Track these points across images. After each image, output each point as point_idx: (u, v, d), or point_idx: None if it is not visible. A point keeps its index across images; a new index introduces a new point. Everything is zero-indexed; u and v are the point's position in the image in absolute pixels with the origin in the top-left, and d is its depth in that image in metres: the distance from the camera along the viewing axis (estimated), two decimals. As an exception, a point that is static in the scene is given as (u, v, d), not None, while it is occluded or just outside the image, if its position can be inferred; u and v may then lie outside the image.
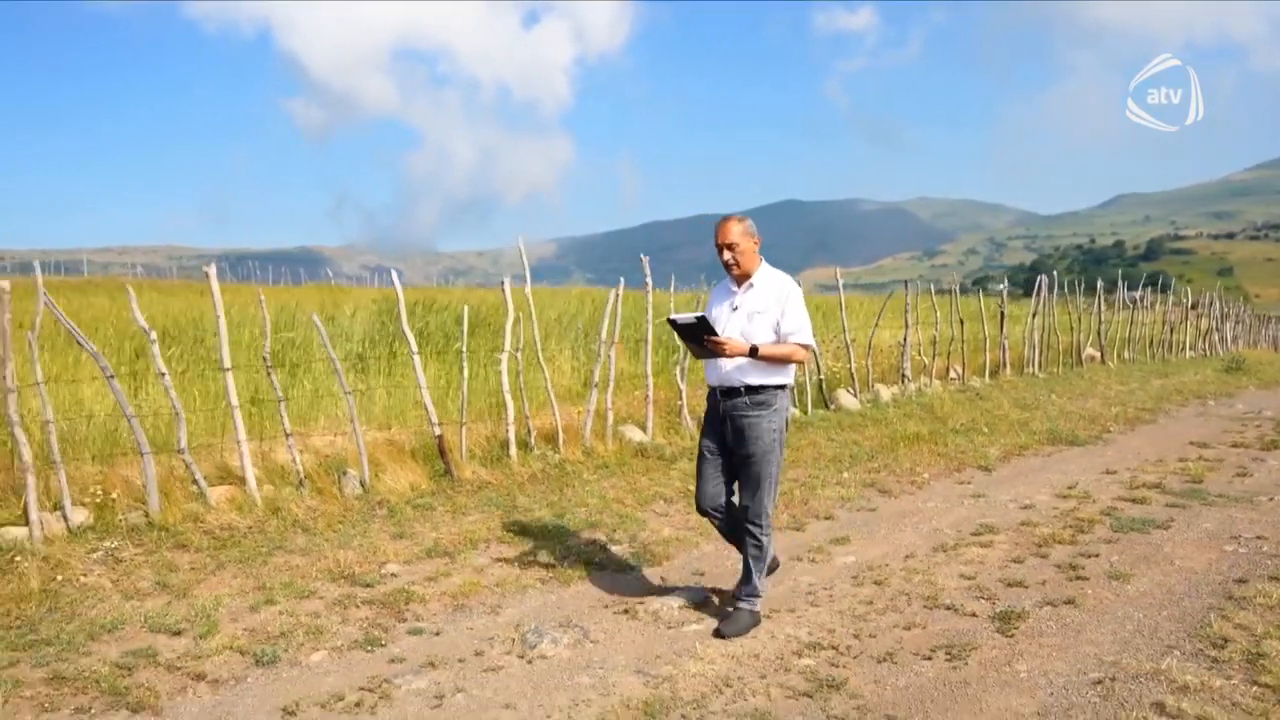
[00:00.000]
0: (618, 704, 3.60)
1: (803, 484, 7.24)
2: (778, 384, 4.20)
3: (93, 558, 5.09)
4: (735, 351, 4.04)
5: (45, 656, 4.06)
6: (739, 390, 4.17)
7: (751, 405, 4.16)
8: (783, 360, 4.16)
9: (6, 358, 5.12)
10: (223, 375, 5.94)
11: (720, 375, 4.22)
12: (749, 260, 4.21)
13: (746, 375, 4.15)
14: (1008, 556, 5.42)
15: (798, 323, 4.16)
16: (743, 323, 4.17)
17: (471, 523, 6.06)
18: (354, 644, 4.29)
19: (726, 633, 4.20)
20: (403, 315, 7.04)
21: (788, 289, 4.21)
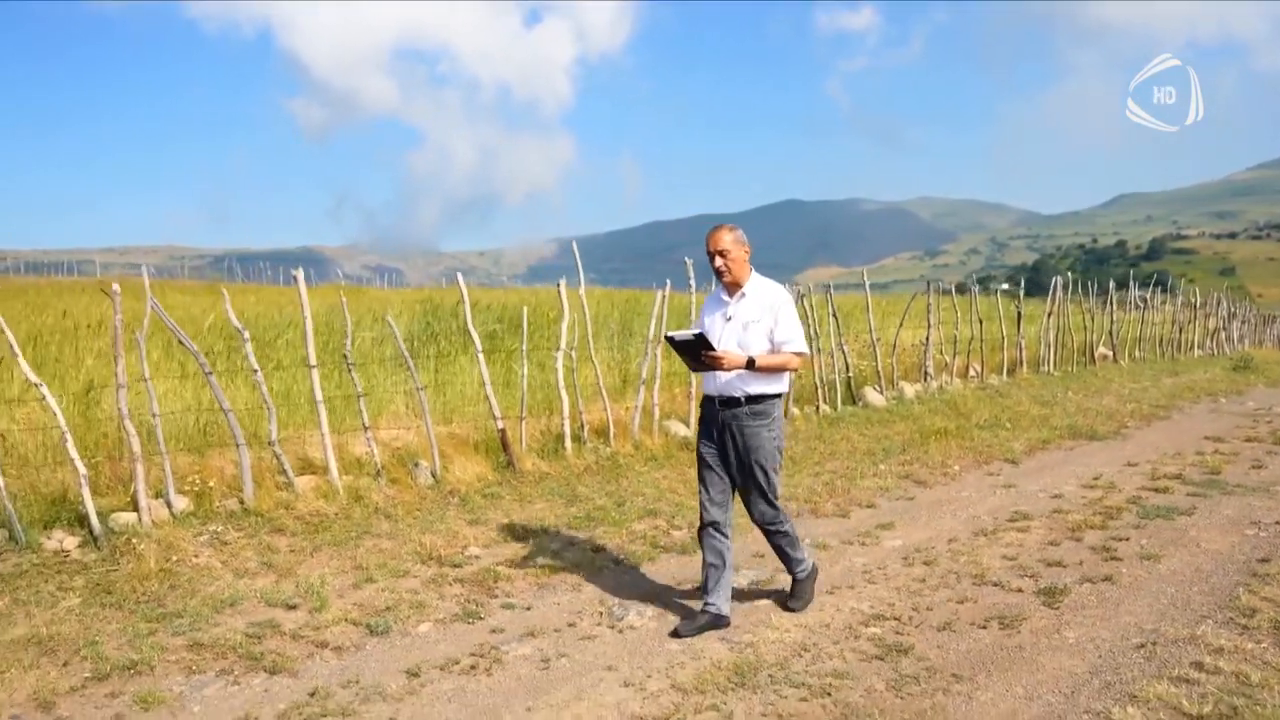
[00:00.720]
0: (709, 665, 4.00)
1: (843, 475, 7.65)
2: (775, 393, 4.29)
3: (199, 540, 5.49)
4: (733, 365, 4.08)
5: (180, 626, 4.47)
6: (739, 400, 4.23)
7: (751, 415, 4.23)
8: (779, 369, 4.23)
9: (119, 355, 5.53)
10: (309, 372, 6.35)
11: (719, 385, 4.27)
12: (740, 268, 4.26)
13: (746, 385, 4.21)
14: (1044, 540, 5.82)
15: (791, 331, 4.22)
16: (738, 332, 4.23)
17: (539, 510, 6.47)
18: (455, 617, 4.69)
19: (796, 606, 4.55)
20: (468, 316, 7.45)
21: (780, 298, 4.28)
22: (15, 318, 11.30)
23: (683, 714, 3.55)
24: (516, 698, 3.76)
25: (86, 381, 7.82)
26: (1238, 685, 3.60)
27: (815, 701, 3.64)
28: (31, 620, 4.50)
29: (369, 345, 10.06)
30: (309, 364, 6.37)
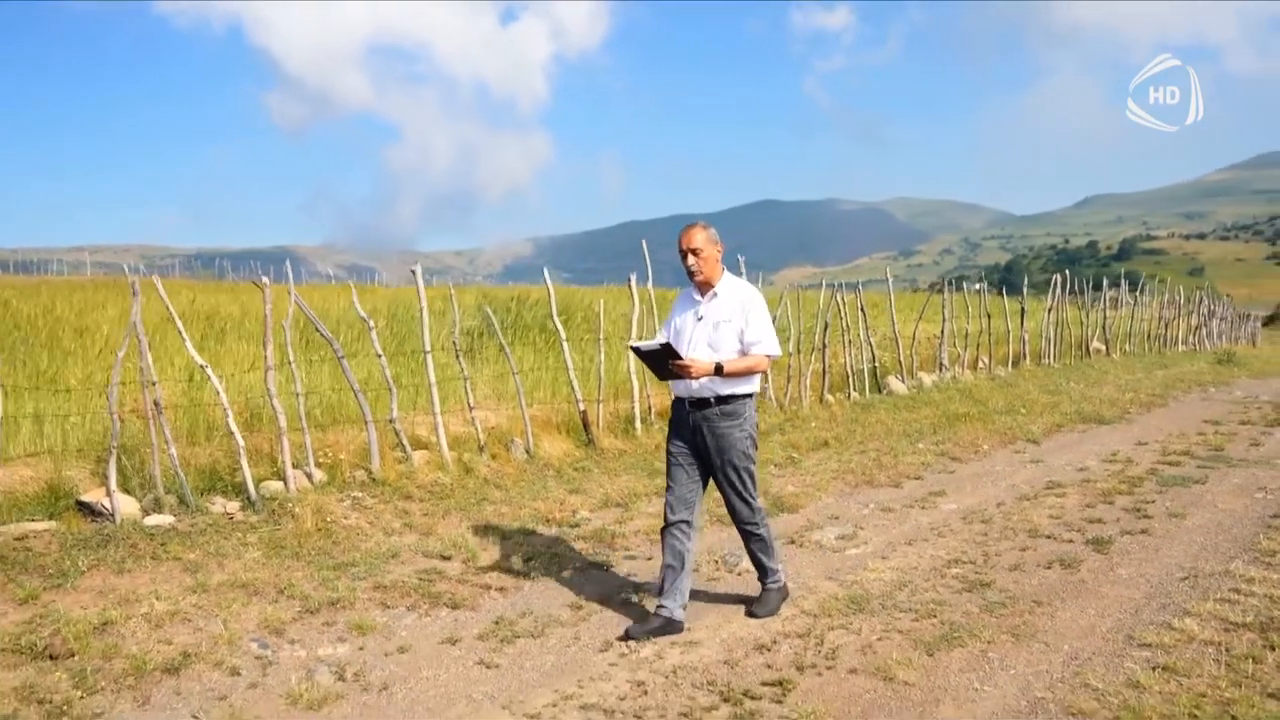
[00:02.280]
0: (827, 598, 4.76)
1: (886, 452, 8.44)
2: (746, 393, 4.26)
3: (344, 505, 6.18)
4: (701, 373, 4.08)
5: (358, 574, 5.16)
6: (709, 401, 4.21)
7: (722, 416, 4.20)
8: (748, 372, 4.21)
9: (268, 340, 6.20)
10: (424, 357, 7.05)
11: (688, 387, 4.24)
12: (712, 267, 4.23)
13: (716, 386, 4.18)
14: (1081, 503, 6.63)
15: (762, 332, 4.19)
16: (709, 332, 4.21)
17: (626, 481, 7.20)
18: (590, 565, 5.42)
19: (759, 613, 4.43)
20: (553, 309, 8.17)
21: (751, 298, 4.24)
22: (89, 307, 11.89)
23: (820, 631, 4.30)
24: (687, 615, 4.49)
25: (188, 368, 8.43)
26: (1270, 604, 4.40)
27: (925, 621, 4.40)
28: (225, 569, 5.17)
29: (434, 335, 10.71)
30: (424, 350, 7.06)
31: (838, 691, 3.67)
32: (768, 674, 3.84)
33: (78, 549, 5.17)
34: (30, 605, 4.60)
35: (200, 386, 8.14)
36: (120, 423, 5.71)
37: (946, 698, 3.59)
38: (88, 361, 8.69)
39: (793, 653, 4.06)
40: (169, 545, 5.36)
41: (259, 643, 4.31)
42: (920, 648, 4.06)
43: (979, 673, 3.81)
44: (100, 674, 3.90)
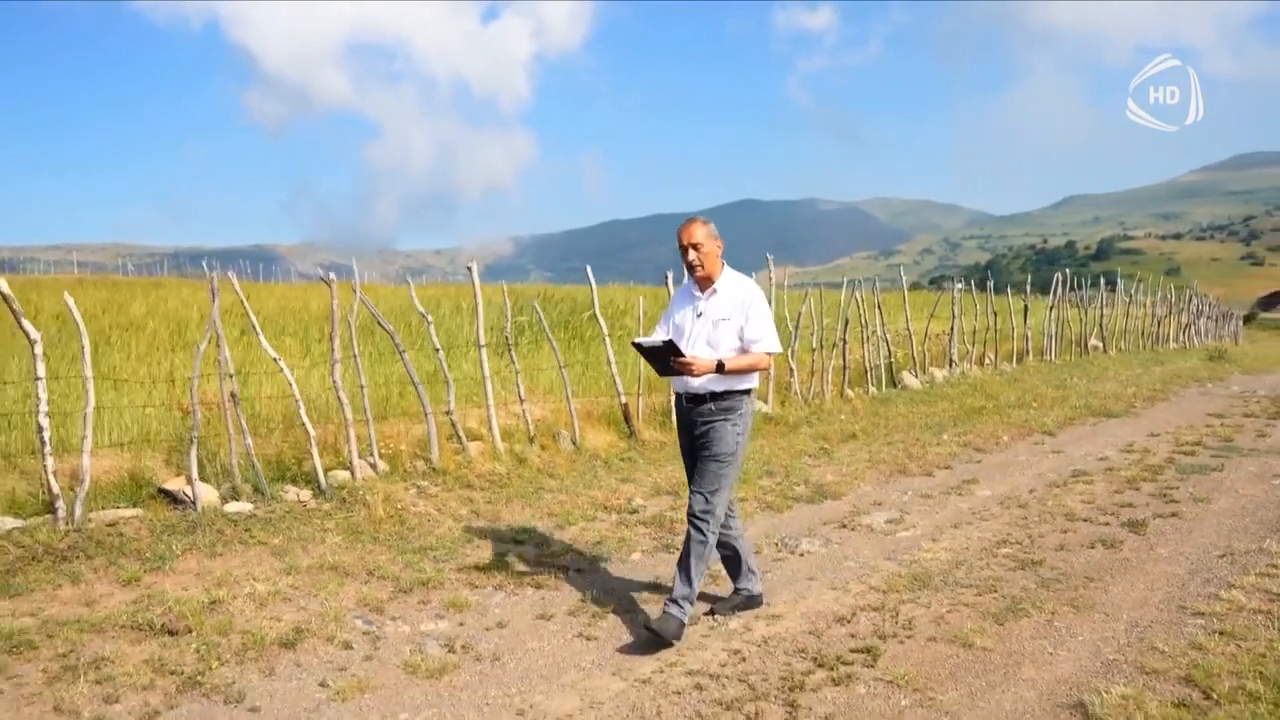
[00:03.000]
0: (890, 575, 5.05)
1: (913, 444, 8.75)
2: (743, 389, 4.22)
3: (410, 494, 6.41)
4: (702, 371, 4.01)
5: (439, 556, 5.40)
6: (705, 397, 4.17)
7: (718, 411, 4.16)
8: (749, 370, 4.18)
9: (334, 334, 6.42)
10: (478, 351, 7.29)
11: (686, 384, 4.20)
12: (712, 263, 4.19)
13: (713, 383, 4.14)
14: (1109, 489, 6.96)
15: (763, 330, 4.14)
16: (708, 329, 4.17)
17: (671, 471, 7.47)
18: (656, 548, 5.69)
19: (656, 628, 4.07)
20: (596, 306, 8.42)
21: (752, 295, 4.19)
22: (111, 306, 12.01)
23: (892, 605, 4.59)
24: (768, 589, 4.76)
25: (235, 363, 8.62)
26: (1307, 577, 4.74)
27: (987, 596, 4.70)
28: (311, 553, 5.40)
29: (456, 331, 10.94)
30: (478, 344, 7.31)
31: (922, 657, 3.95)
32: (853, 642, 4.13)
33: (168, 534, 5.39)
34: (134, 586, 4.81)
35: (245, 381, 8.35)
36: (199, 414, 5.92)
37: (1025, 660, 3.89)
38: (139, 356, 8.85)
39: (871, 625, 4.35)
40: (253, 531, 5.58)
41: (363, 620, 4.55)
42: (989, 618, 4.36)
43: (1050, 639, 4.11)
44: (220, 648, 4.13)
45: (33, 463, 6.16)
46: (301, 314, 13.03)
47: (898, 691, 3.62)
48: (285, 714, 3.60)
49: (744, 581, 4.55)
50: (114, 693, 3.72)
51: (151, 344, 9.49)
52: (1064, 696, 3.53)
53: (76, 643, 4.13)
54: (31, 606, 4.54)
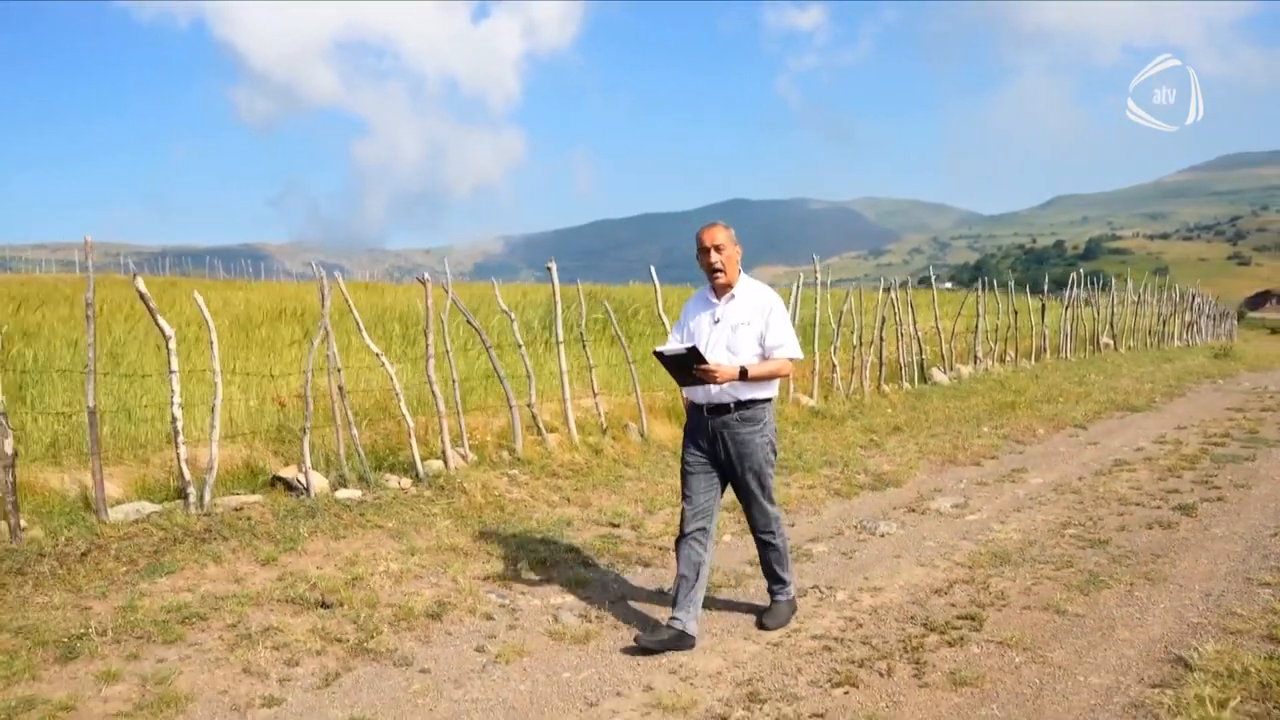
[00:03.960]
0: (970, 553, 5.46)
1: (955, 436, 9.19)
2: (765, 398, 4.15)
3: (503, 482, 6.79)
4: (726, 378, 3.94)
5: (547, 537, 5.78)
6: (728, 407, 4.08)
7: (741, 421, 4.08)
8: (771, 376, 4.11)
9: (429, 329, 6.80)
10: (557, 346, 7.69)
11: (708, 393, 4.10)
12: (732, 267, 4.12)
13: (737, 391, 4.06)
14: (1153, 477, 7.40)
15: (783, 336, 4.08)
16: (727, 335, 4.09)
17: (737, 461, 7.87)
18: (743, 531, 6.05)
19: (769, 624, 4.28)
20: (659, 303, 8.80)
21: (771, 300, 4.13)
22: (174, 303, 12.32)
23: (981, 578, 4.99)
24: (845, 572, 5.17)
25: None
26: (1357, 552, 5.17)
27: (1065, 570, 5.11)
28: (425, 535, 5.77)
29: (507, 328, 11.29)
30: (557, 340, 7.70)
31: (1022, 622, 4.36)
32: (955, 611, 4.53)
33: (291, 519, 5.75)
34: (273, 566, 5.18)
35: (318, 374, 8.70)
36: (311, 405, 6.28)
37: (1117, 624, 4.30)
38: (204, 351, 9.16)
39: (966, 595, 4.75)
40: (367, 515, 5.95)
41: (496, 594, 4.93)
42: (1073, 590, 4.77)
43: (1134, 607, 4.53)
44: (374, 619, 4.50)
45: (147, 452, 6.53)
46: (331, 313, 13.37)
47: (1009, 650, 4.02)
48: (454, 674, 3.98)
49: (681, 612, 4.13)
50: (293, 657, 4.10)
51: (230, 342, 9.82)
52: (1161, 653, 3.94)
53: (241, 615, 4.50)
54: (186, 583, 4.90)
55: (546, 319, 12.70)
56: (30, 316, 11.90)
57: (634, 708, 3.61)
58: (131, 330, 10.07)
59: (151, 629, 4.30)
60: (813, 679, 3.81)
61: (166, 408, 6.71)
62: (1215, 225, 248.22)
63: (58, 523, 5.33)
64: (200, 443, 6.10)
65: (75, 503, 5.63)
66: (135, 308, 11.93)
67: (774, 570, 4.38)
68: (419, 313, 12.42)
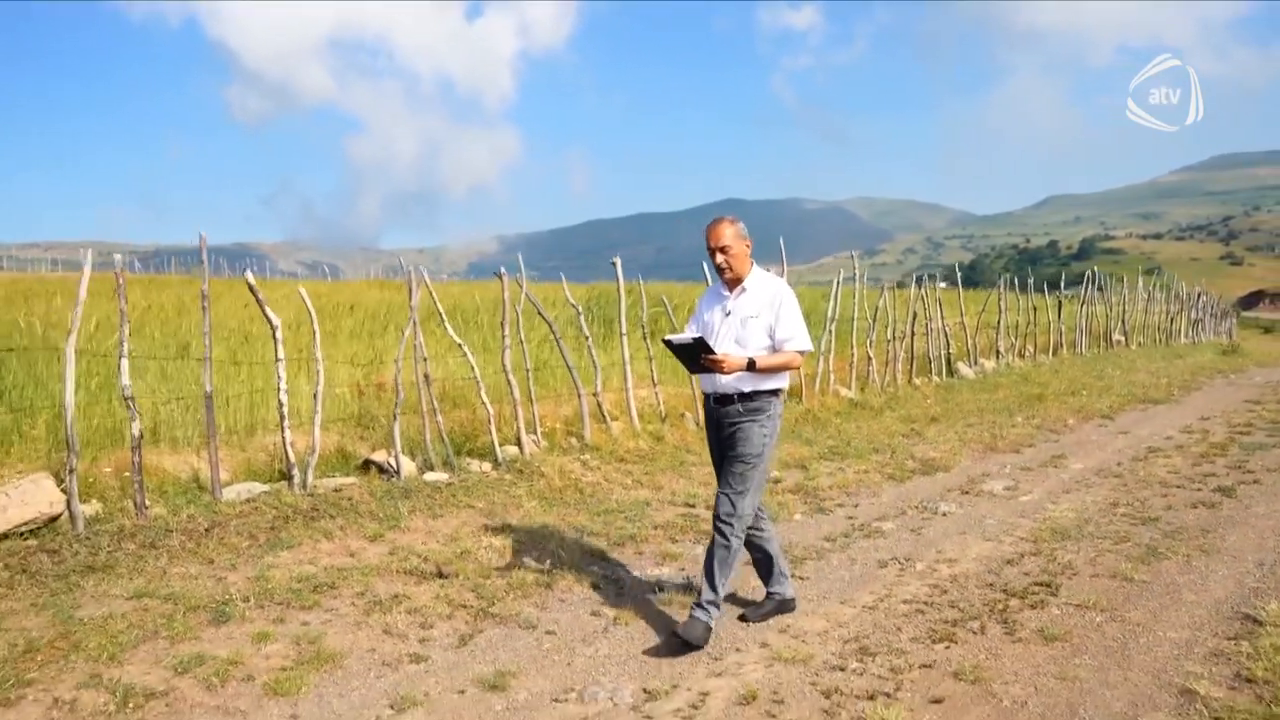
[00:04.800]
0: (1030, 530, 5.83)
1: (992, 425, 9.57)
2: (772, 389, 4.13)
3: (575, 467, 7.14)
4: (733, 368, 3.94)
5: (630, 517, 6.13)
6: (733, 397, 4.10)
7: (746, 412, 4.08)
8: (779, 369, 4.11)
9: (505, 320, 7.15)
10: (620, 338, 8.04)
11: (715, 383, 4.13)
12: (741, 263, 4.13)
13: (742, 383, 4.06)
14: (1188, 462, 7.79)
15: (793, 329, 4.07)
16: (736, 328, 4.11)
17: (792, 448, 8.24)
18: (811, 511, 6.45)
19: (682, 633, 4.01)
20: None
21: (781, 293, 4.13)
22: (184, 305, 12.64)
23: (1047, 551, 5.36)
24: (918, 546, 5.54)
25: (370, 353, 9.32)
26: (1394, 527, 5.56)
27: (1123, 544, 5.48)
28: (514, 515, 6.13)
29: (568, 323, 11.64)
30: (620, 333, 8.05)
31: (1094, 588, 4.72)
32: (1030, 579, 4.90)
33: (388, 499, 6.10)
34: (380, 541, 5.54)
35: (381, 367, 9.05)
36: (402, 394, 6.62)
37: (1182, 589, 4.67)
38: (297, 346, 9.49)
39: (1037, 566, 5.12)
40: (458, 496, 6.31)
41: (596, 566, 5.28)
42: (1135, 560, 5.14)
43: (1194, 575, 4.90)
44: (490, 588, 4.85)
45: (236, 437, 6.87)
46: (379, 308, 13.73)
47: (1088, 611, 4.39)
48: (579, 635, 4.32)
49: (775, 585, 4.41)
50: (425, 620, 4.44)
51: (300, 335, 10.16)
52: (1229, 611, 4.32)
53: (367, 584, 4.84)
54: (306, 557, 5.25)
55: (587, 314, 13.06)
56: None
57: (755, 660, 3.96)
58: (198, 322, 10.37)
59: (288, 596, 4.65)
60: (914, 636, 4.17)
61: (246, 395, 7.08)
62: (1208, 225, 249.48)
63: (178, 501, 5.68)
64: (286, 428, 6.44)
65: (188, 483, 5.97)
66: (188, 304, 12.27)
67: (711, 570, 4.06)
68: (463, 308, 12.79)
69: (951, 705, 3.49)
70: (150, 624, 4.26)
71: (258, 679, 3.82)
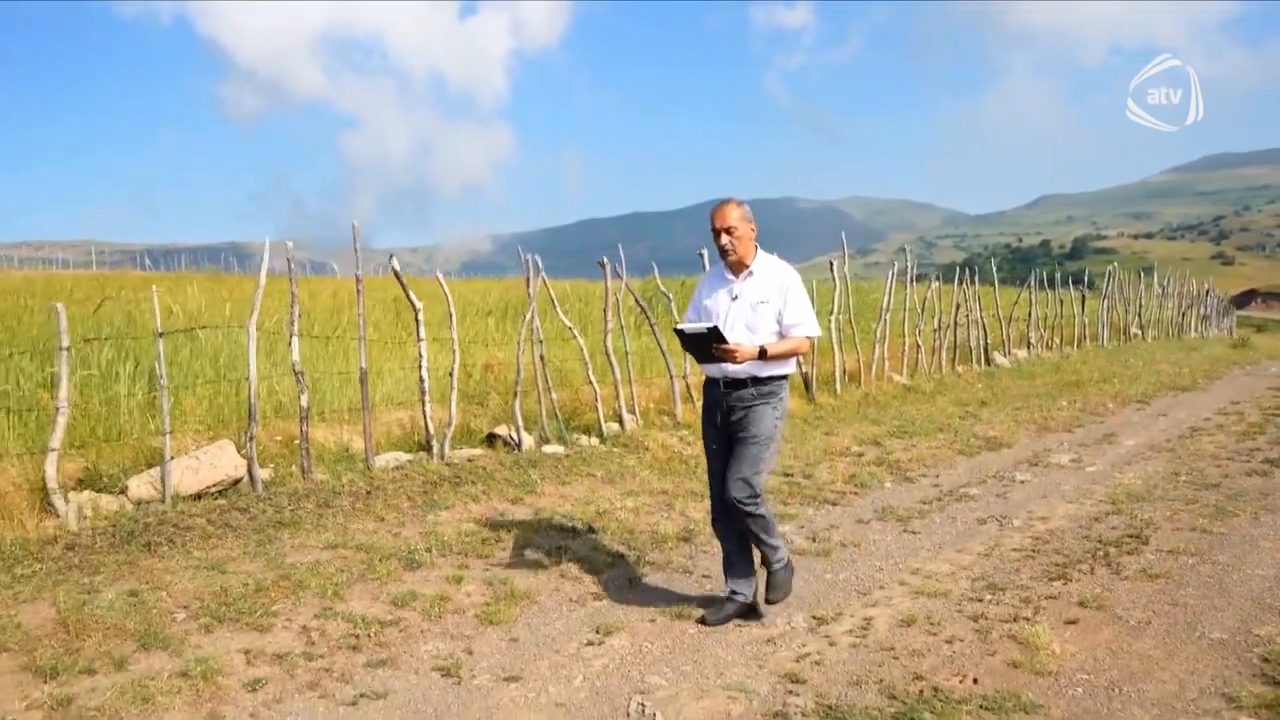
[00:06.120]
0: (1106, 493, 6.44)
1: (1039, 409, 10.21)
2: (783, 374, 4.14)
3: (674, 441, 7.72)
4: (746, 357, 3.90)
5: (737, 484, 6.71)
6: (745, 382, 4.06)
7: (758, 396, 4.07)
8: (789, 355, 4.09)
9: (606, 310, 7.73)
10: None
11: (724, 368, 4.06)
12: (746, 247, 4.08)
13: (754, 368, 4.02)
14: (1231, 440, 8.41)
15: (802, 314, 4.05)
16: (745, 312, 4.06)
17: (861, 428, 8.84)
18: (899, 480, 7.05)
19: (774, 598, 4.19)
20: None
21: (790, 278, 4.11)
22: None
23: (1125, 510, 5.97)
24: (1008, 508, 6.14)
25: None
26: None
27: (1194, 505, 6.08)
28: (632, 482, 6.71)
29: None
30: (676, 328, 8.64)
31: (1179, 539, 5.33)
32: (1118, 532, 5.50)
33: (518, 468, 6.68)
34: (521, 504, 6.12)
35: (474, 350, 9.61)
36: (521, 373, 7.20)
37: (1259, 539, 5.28)
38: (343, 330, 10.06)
39: (1122, 522, 5.73)
40: (578, 466, 6.89)
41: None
42: (1208, 517, 5.75)
43: (1265, 528, 5.51)
44: (639, 540, 5.44)
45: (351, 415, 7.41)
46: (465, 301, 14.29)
47: (1180, 556, 4.99)
48: (731, 578, 4.90)
49: (740, 585, 4.26)
50: (593, 566, 5.02)
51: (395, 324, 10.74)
52: (1307, 555, 4.94)
53: (527, 539, 5.42)
54: (460, 516, 5.83)
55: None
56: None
57: (901, 595, 4.56)
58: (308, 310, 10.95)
59: (464, 547, 5.22)
60: (1032, 575, 4.77)
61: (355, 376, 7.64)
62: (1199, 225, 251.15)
63: (337, 467, 6.25)
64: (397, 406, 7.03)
65: (339, 452, 6.54)
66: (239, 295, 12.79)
67: (761, 539, 4.16)
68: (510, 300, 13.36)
69: (1085, 625, 4.09)
70: (354, 569, 4.82)
71: (468, 611, 4.40)
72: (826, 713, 3.32)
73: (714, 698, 3.48)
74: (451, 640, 4.10)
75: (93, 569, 4.63)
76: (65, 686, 3.49)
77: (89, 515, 5.15)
